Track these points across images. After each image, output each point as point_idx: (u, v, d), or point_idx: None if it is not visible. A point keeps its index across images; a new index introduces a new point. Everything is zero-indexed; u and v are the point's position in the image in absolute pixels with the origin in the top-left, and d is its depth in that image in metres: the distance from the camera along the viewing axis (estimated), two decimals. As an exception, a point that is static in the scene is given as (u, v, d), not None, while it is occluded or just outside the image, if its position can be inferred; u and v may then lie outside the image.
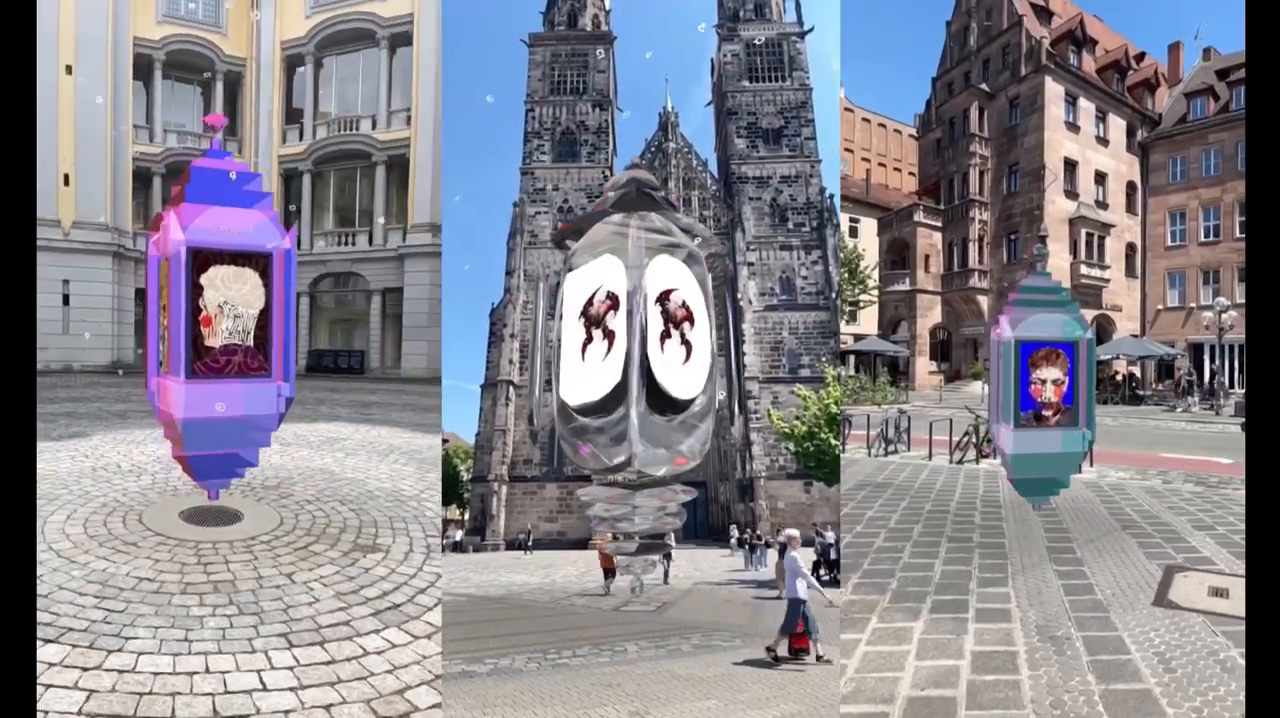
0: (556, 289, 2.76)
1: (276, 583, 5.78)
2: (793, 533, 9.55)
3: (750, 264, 41.99)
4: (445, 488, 27.20)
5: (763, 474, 37.73)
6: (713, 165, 46.93)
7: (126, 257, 27.58)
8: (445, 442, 33.48)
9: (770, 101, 45.44)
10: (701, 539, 32.71)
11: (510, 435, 39.63)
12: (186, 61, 30.40)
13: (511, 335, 41.24)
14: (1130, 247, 38.64)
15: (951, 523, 9.11)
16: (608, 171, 43.37)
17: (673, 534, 3.12)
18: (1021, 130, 37.30)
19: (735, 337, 2.98)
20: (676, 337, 2.62)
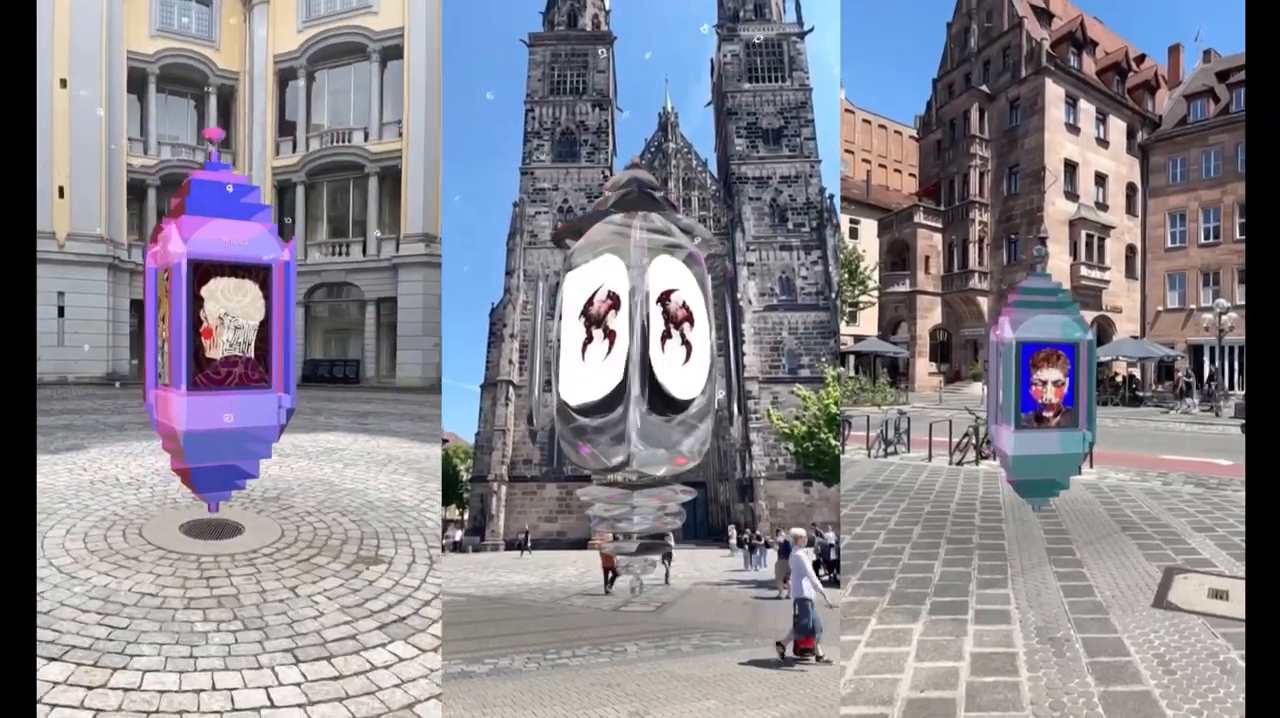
0: (556, 289, 2.74)
1: (280, 597, 5.73)
2: (799, 532, 9.50)
3: (750, 264, 42.02)
4: (445, 488, 27.19)
5: (762, 474, 37.76)
6: (712, 165, 47.05)
7: (122, 269, 27.67)
8: (445, 442, 33.51)
9: (770, 102, 45.48)
10: (701, 540, 32.71)
11: (510, 435, 39.66)
12: (180, 75, 30.60)
13: (511, 335, 41.26)
14: (1130, 248, 38.63)
15: (951, 524, 9.09)
16: (607, 172, 43.37)
17: (672, 534, 3.11)
18: (1022, 132, 37.29)
19: (735, 337, 2.96)
20: (677, 337, 2.62)
